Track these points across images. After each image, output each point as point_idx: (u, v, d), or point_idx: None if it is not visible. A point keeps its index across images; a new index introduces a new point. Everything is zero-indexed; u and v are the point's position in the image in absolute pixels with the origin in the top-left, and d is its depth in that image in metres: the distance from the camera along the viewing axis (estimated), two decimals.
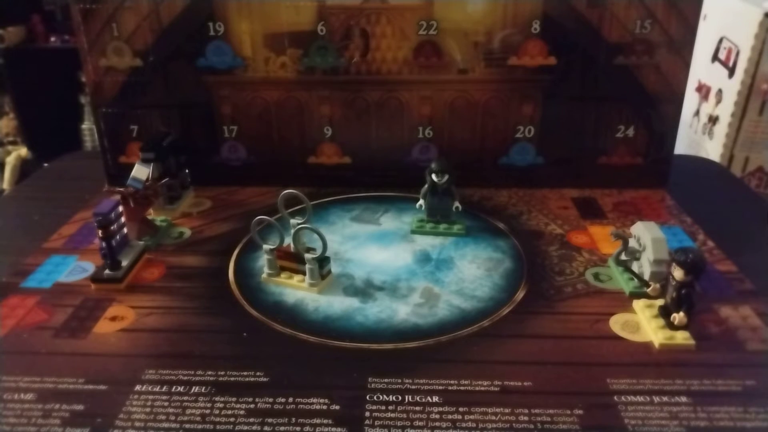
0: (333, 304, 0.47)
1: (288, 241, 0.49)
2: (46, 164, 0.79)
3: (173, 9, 0.60)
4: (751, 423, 0.36)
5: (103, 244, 0.48)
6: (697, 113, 1.08)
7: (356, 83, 0.63)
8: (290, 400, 0.38)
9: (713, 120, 1.01)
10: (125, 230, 0.51)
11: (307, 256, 0.48)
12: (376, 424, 0.36)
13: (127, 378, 0.39)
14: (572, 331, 0.44)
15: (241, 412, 0.37)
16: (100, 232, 0.48)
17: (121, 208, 0.50)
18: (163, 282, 0.50)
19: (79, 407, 0.37)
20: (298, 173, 0.66)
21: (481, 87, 0.63)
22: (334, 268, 0.51)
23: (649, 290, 0.46)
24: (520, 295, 0.48)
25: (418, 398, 0.38)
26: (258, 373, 0.40)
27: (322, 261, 0.49)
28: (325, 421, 0.36)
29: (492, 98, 0.63)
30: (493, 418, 0.36)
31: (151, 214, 0.59)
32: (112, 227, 0.48)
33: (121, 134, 0.66)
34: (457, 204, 0.56)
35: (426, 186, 0.56)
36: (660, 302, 0.44)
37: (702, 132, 1.05)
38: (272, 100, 0.64)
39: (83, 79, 0.68)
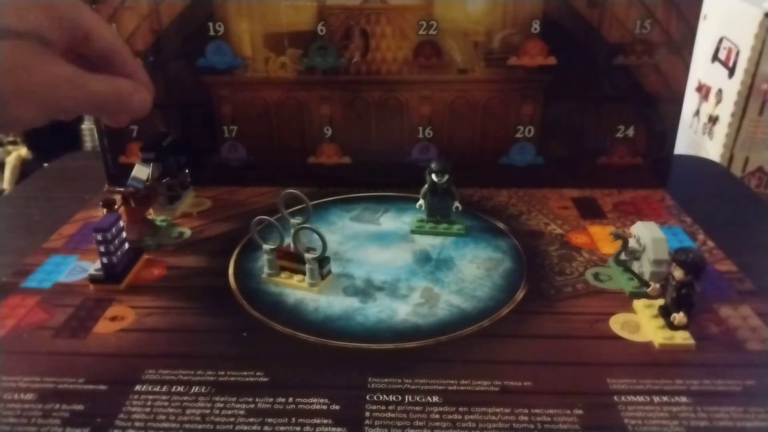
0: (333, 304, 0.47)
1: (288, 241, 0.49)
2: (46, 164, 0.79)
3: (173, 9, 0.60)
4: (751, 423, 0.36)
5: (104, 260, 0.48)
6: (697, 113, 1.08)
7: (356, 83, 0.63)
8: (290, 400, 0.38)
9: (713, 120, 1.01)
10: (126, 246, 0.51)
11: (307, 256, 0.48)
12: (376, 424, 0.36)
13: (127, 378, 0.40)
14: (572, 331, 0.44)
15: (241, 412, 0.37)
16: (101, 247, 0.48)
17: (121, 223, 0.50)
18: (163, 282, 0.50)
19: (79, 407, 0.37)
20: (298, 173, 0.66)
21: (481, 87, 0.63)
22: (334, 268, 0.51)
23: (648, 290, 0.46)
24: (520, 295, 0.48)
25: (418, 398, 0.38)
26: (258, 373, 0.40)
27: (322, 261, 0.49)
28: (325, 421, 0.36)
29: (492, 98, 0.63)
30: (493, 418, 0.36)
31: (151, 214, 0.59)
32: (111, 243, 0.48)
33: (121, 134, 0.66)
34: (457, 204, 0.56)
35: (426, 186, 0.56)
36: (660, 302, 0.44)
37: (702, 132, 1.05)
38: (272, 100, 0.64)
39: None
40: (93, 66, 0.39)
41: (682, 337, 0.42)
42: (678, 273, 0.42)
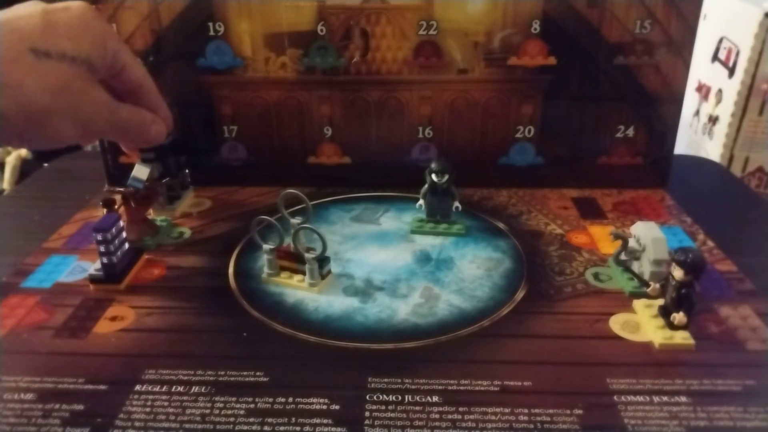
0: (333, 304, 0.47)
1: (288, 240, 0.49)
2: (46, 164, 0.79)
3: (173, 9, 0.60)
4: (751, 423, 0.36)
5: (104, 260, 0.48)
6: (697, 113, 1.08)
7: (356, 83, 0.63)
8: (290, 400, 0.38)
9: (713, 120, 1.01)
10: (126, 246, 0.51)
11: (307, 255, 0.48)
12: (376, 423, 0.36)
13: (127, 378, 0.40)
14: (572, 331, 0.44)
15: (241, 412, 0.37)
16: (101, 247, 0.48)
17: (121, 223, 0.50)
18: (163, 282, 0.50)
19: (79, 407, 0.37)
20: (298, 173, 0.66)
21: (481, 87, 0.63)
22: (334, 268, 0.51)
23: (648, 290, 0.46)
24: (520, 295, 0.48)
25: (418, 398, 0.38)
26: (258, 373, 0.40)
27: (322, 261, 0.49)
28: (325, 421, 0.36)
29: (492, 98, 0.63)
30: (493, 418, 0.36)
31: (151, 214, 0.59)
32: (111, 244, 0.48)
33: None
34: (457, 204, 0.56)
35: (426, 186, 0.56)
36: (660, 302, 0.44)
37: (702, 132, 1.05)
38: (272, 100, 0.64)
39: None
40: (118, 97, 0.42)
41: (682, 337, 0.42)
42: (678, 273, 0.42)
